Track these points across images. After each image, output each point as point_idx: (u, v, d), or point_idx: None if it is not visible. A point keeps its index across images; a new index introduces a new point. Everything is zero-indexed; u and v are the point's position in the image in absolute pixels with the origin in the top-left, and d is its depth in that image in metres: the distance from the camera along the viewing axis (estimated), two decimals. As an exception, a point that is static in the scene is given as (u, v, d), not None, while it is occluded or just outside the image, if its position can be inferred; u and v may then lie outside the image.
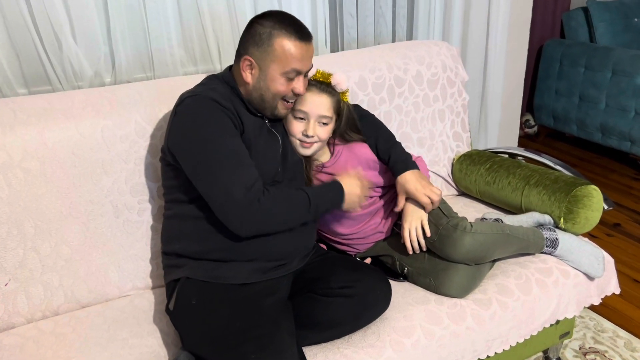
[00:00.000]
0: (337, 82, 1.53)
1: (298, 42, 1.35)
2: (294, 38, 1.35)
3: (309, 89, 1.49)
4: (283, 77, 1.38)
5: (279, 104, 1.42)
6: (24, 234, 1.45)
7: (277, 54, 1.35)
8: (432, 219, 1.57)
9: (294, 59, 1.36)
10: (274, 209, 1.29)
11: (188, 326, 1.32)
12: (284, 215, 1.32)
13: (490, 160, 2.04)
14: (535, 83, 3.83)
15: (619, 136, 3.33)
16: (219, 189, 1.28)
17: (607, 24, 3.57)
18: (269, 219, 1.30)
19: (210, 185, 1.29)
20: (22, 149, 1.43)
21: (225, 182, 1.27)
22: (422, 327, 1.42)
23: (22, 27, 1.68)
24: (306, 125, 1.50)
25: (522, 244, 1.64)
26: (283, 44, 1.35)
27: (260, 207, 1.27)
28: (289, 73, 1.37)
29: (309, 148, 1.53)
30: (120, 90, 1.62)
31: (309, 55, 1.40)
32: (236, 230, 1.29)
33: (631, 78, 3.20)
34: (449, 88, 2.17)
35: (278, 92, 1.39)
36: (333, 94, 1.53)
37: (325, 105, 1.50)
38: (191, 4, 1.93)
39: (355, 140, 1.61)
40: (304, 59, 1.38)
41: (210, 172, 1.29)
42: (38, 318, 1.49)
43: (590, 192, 1.74)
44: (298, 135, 1.51)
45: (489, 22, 2.67)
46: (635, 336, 2.04)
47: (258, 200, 1.27)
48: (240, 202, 1.25)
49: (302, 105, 1.49)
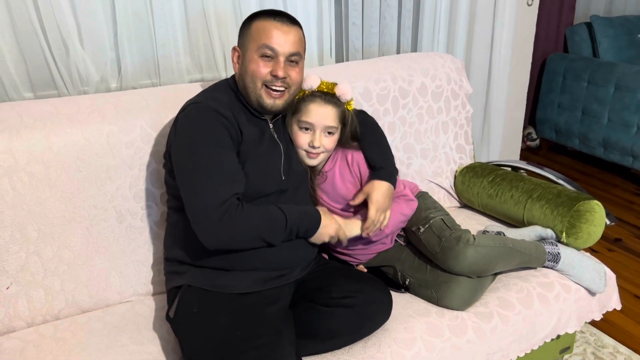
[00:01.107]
0: (341, 92, 1.53)
1: (272, 21, 1.39)
2: (268, 18, 1.40)
3: (314, 100, 1.50)
4: (257, 55, 1.39)
5: (263, 92, 1.41)
6: (26, 237, 1.45)
7: (252, 34, 1.40)
8: (435, 231, 1.57)
9: (265, 35, 1.38)
10: (243, 225, 1.29)
11: (189, 334, 1.32)
12: (254, 232, 1.31)
13: (493, 173, 2.04)
14: (538, 96, 3.84)
15: (621, 151, 3.33)
16: (194, 199, 1.30)
17: (610, 40, 3.58)
18: (237, 234, 1.30)
19: (189, 194, 1.32)
20: (28, 153, 1.44)
21: (201, 193, 1.29)
22: (423, 339, 1.42)
23: (30, 32, 1.69)
24: (312, 136, 1.50)
25: (524, 258, 1.64)
26: (258, 24, 1.40)
27: (228, 222, 1.27)
28: (262, 49, 1.38)
29: (315, 158, 1.54)
30: (126, 96, 1.63)
31: (288, 38, 1.39)
32: (203, 241, 1.30)
33: (634, 94, 3.21)
34: (452, 100, 2.18)
35: (254, 73, 1.39)
36: (338, 104, 1.53)
37: (330, 116, 1.51)
38: (198, 11, 1.94)
39: (354, 147, 1.60)
40: (278, 38, 1.38)
41: (190, 181, 1.31)
42: (39, 322, 1.49)
43: (593, 207, 1.74)
44: (304, 147, 1.52)
45: (494, 36, 2.69)
46: (636, 352, 2.03)
47: (229, 215, 1.27)
48: (209, 215, 1.27)
49: (307, 116, 1.49)
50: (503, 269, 1.62)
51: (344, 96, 1.54)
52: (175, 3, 1.89)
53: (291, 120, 1.53)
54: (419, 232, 1.63)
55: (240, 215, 1.29)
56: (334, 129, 1.52)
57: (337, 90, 1.53)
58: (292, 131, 1.53)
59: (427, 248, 1.59)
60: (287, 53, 1.39)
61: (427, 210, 1.68)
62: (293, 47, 1.40)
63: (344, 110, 1.54)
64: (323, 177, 1.61)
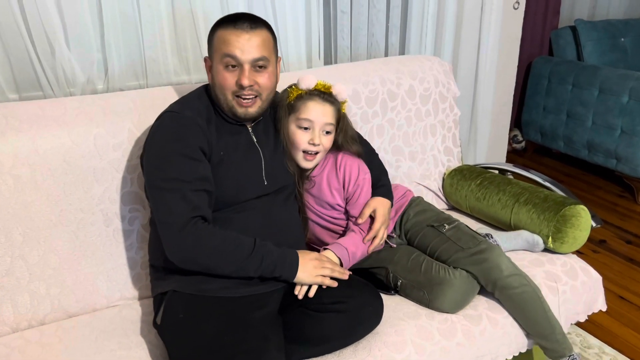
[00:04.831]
0: (338, 91, 1.57)
1: (232, 29, 1.36)
2: (228, 26, 1.37)
3: (313, 99, 1.52)
4: (222, 66, 1.37)
5: (234, 103, 1.40)
6: (12, 241, 1.43)
7: (215, 44, 1.39)
8: (468, 231, 1.65)
9: (225, 44, 1.36)
10: (206, 242, 1.29)
11: (176, 340, 1.31)
12: (216, 250, 1.30)
13: (480, 176, 2.05)
14: (523, 99, 3.87)
15: (605, 154, 3.37)
16: (158, 212, 1.31)
17: (594, 43, 3.63)
18: (199, 248, 1.29)
19: (153, 206, 1.34)
20: (13, 156, 1.41)
21: (168, 204, 1.29)
22: (413, 342, 1.42)
23: (15, 32, 1.67)
24: (312, 134, 1.52)
25: (545, 325, 1.56)
26: (218, 34, 1.38)
27: (189, 237, 1.27)
28: (224, 59, 1.36)
29: (312, 160, 1.55)
30: (113, 98, 1.61)
31: (250, 43, 1.35)
32: (168, 254, 1.30)
33: (618, 97, 3.25)
34: (440, 103, 2.19)
35: (222, 85, 1.38)
36: (335, 103, 1.56)
37: (329, 113, 1.54)
38: (186, 12, 1.93)
39: (353, 151, 1.61)
40: (239, 45, 1.35)
41: (156, 193, 1.32)
42: (24, 327, 1.47)
43: (578, 212, 1.76)
44: (303, 146, 1.52)
45: (480, 39, 2.71)
46: (621, 352, 2.06)
47: (187, 232, 1.27)
48: (173, 228, 1.28)
49: (307, 114, 1.51)
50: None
51: (340, 95, 1.58)
52: (163, 4, 1.87)
53: (288, 121, 1.53)
54: (443, 229, 1.65)
55: (202, 232, 1.29)
56: (331, 127, 1.55)
57: (334, 90, 1.57)
58: (289, 132, 1.53)
59: (456, 244, 1.59)
60: (250, 60, 1.36)
61: (442, 213, 1.76)
62: (257, 51, 1.36)
63: (339, 109, 1.58)
64: (311, 183, 1.61)
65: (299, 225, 1.59)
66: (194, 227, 1.28)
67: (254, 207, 1.44)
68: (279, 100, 1.56)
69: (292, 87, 1.56)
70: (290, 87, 1.57)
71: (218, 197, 1.38)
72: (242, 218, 1.42)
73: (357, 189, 1.58)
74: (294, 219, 1.57)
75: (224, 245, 1.31)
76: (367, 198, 1.60)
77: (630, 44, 3.76)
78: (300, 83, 1.54)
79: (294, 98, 1.54)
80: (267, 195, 1.47)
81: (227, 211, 1.41)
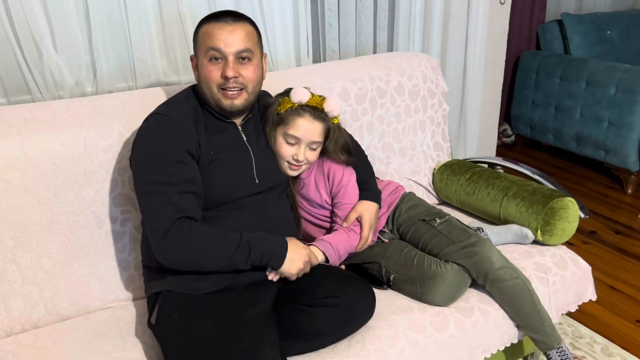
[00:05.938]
0: (330, 108, 1.54)
1: (215, 23, 1.39)
2: (211, 21, 1.40)
3: (303, 115, 1.50)
4: (206, 60, 1.39)
5: (220, 95, 1.41)
6: (3, 245, 1.43)
7: (199, 40, 1.41)
8: (459, 225, 1.67)
9: (209, 38, 1.38)
10: (191, 241, 1.30)
11: (170, 340, 1.32)
12: (203, 248, 1.31)
13: (470, 171, 2.07)
14: (512, 93, 3.90)
15: (594, 145, 3.40)
16: (148, 214, 1.32)
17: (581, 36, 3.66)
18: (186, 250, 1.30)
19: (141, 207, 1.35)
20: (3, 160, 1.41)
21: (153, 208, 1.31)
22: (407, 336, 1.44)
23: (2, 36, 1.66)
24: (297, 149, 1.52)
25: (536, 317, 1.58)
26: (203, 29, 1.41)
27: (177, 239, 1.28)
28: (209, 53, 1.38)
29: (296, 170, 1.56)
30: (102, 100, 1.61)
31: (234, 36, 1.37)
32: (157, 256, 1.32)
33: (605, 89, 3.28)
34: (429, 99, 2.20)
35: (207, 78, 1.40)
36: (325, 120, 1.54)
37: (317, 132, 1.52)
38: (173, 13, 1.93)
39: (341, 161, 1.60)
40: (223, 37, 1.37)
41: (143, 195, 1.33)
42: (17, 331, 1.47)
43: (566, 204, 1.78)
44: (287, 158, 1.53)
45: (468, 34, 2.72)
46: (612, 342, 2.08)
47: (178, 231, 1.28)
48: (158, 232, 1.29)
49: (295, 130, 1.50)
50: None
51: (332, 112, 1.55)
52: (150, 5, 1.87)
53: (275, 131, 1.53)
54: (434, 223, 1.66)
55: (187, 231, 1.29)
56: (317, 144, 1.54)
57: (326, 106, 1.54)
58: (275, 141, 1.53)
59: (448, 237, 1.60)
60: (234, 52, 1.38)
61: (434, 208, 1.76)
62: (240, 44, 1.38)
63: (329, 126, 1.56)
64: (300, 184, 1.62)
65: (292, 223, 1.61)
66: (178, 229, 1.29)
67: (247, 205, 1.45)
68: (269, 104, 1.55)
69: (285, 99, 1.53)
70: (282, 98, 1.54)
71: (210, 196, 1.39)
72: (235, 216, 1.43)
73: (340, 189, 1.59)
74: (286, 216, 1.58)
75: (210, 243, 1.32)
76: (352, 199, 1.60)
77: (617, 37, 3.79)
78: (292, 96, 1.52)
79: (284, 110, 1.51)
80: (259, 194, 1.48)
81: (220, 210, 1.42)
